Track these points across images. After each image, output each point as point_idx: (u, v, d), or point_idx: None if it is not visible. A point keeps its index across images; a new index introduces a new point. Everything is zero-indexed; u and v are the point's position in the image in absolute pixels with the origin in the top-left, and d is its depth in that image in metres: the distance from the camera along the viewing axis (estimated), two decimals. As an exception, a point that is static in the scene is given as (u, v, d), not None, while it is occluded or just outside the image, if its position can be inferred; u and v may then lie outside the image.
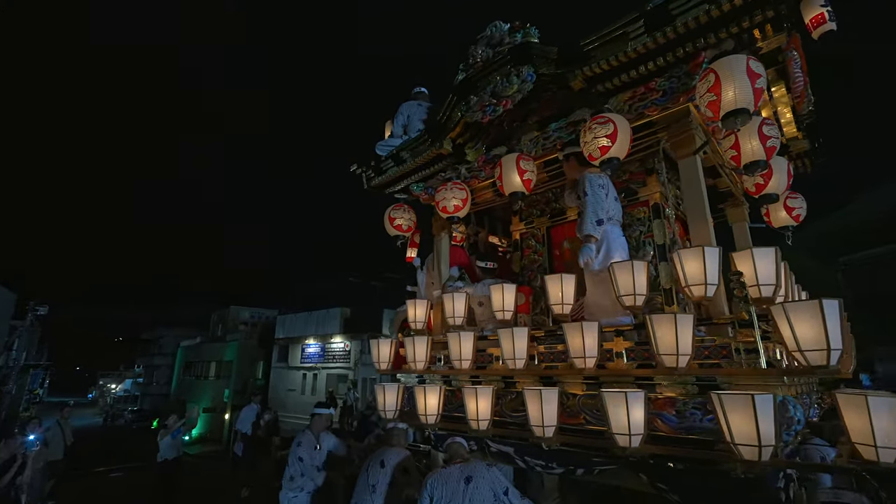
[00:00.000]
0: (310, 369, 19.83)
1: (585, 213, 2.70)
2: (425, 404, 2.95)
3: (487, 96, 3.19)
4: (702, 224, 2.45)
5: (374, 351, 3.59)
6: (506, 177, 3.05)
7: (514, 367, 2.64)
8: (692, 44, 2.39)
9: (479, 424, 2.65)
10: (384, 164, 4.03)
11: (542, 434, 2.34)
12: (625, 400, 1.99)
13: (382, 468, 3.77)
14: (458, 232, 4.47)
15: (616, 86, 2.73)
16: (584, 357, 2.32)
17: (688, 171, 2.56)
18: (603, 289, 2.66)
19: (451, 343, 2.99)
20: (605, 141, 2.56)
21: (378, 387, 3.31)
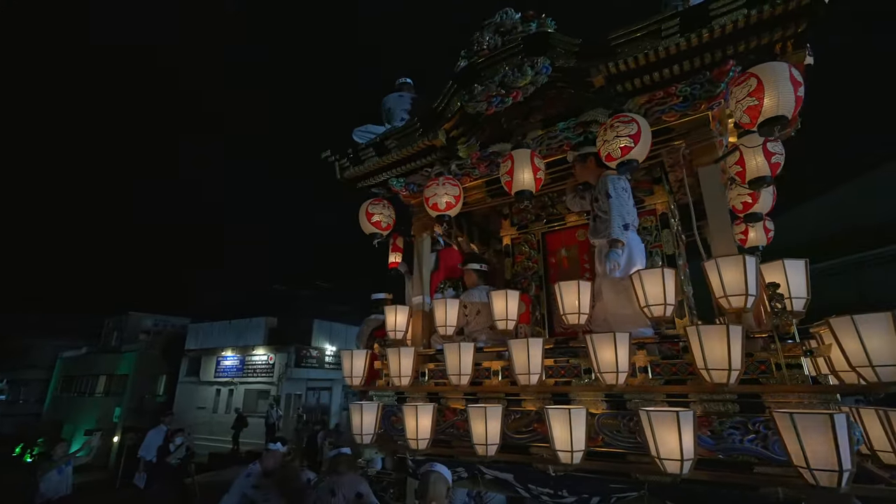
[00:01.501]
0: (225, 384, 17.96)
1: (611, 216, 2.52)
2: (417, 426, 2.54)
3: (495, 86, 2.93)
4: (725, 233, 2.37)
5: (346, 364, 3.09)
6: (517, 173, 2.79)
7: (528, 382, 2.35)
8: (722, 50, 2.34)
9: (487, 449, 2.30)
10: (363, 152, 3.60)
11: (569, 460, 2.06)
12: (676, 421, 1.78)
13: (333, 497, 3.26)
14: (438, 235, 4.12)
15: (637, 87, 2.61)
16: (615, 372, 2.09)
17: (709, 180, 2.50)
18: (624, 297, 2.49)
19: (448, 355, 2.63)
20: (628, 141, 2.41)
21: (354, 406, 2.83)
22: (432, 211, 3.21)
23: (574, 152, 2.89)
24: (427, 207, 3.24)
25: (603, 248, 2.66)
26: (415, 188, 3.73)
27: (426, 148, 3.37)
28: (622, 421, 2.23)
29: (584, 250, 3.21)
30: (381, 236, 3.64)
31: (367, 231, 3.61)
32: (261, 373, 17.31)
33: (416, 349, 2.93)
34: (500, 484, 2.65)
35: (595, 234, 2.72)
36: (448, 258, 3.63)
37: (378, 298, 4.19)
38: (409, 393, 3.00)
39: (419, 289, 3.50)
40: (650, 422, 1.84)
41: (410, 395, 3.01)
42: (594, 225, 2.77)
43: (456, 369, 2.59)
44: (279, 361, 16.95)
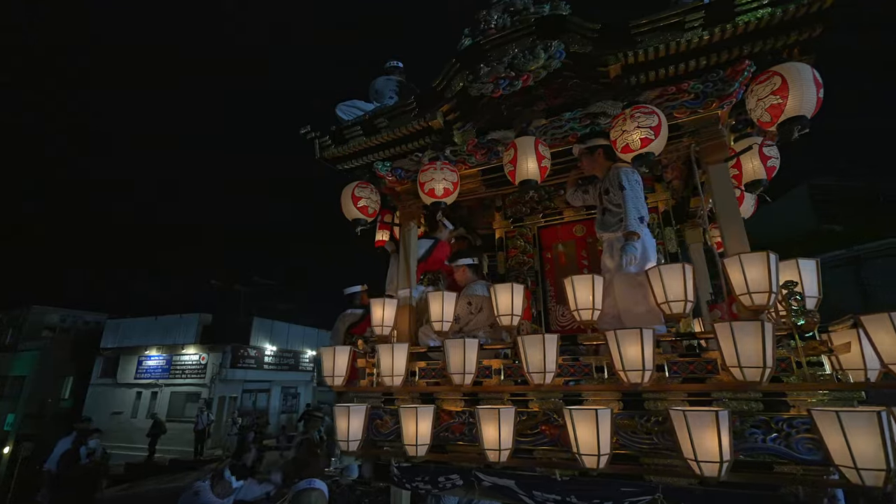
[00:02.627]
0: (148, 386, 16.32)
1: (626, 209, 2.44)
2: (416, 429, 2.29)
3: (504, 68, 2.76)
4: (737, 231, 2.37)
5: (328, 362, 2.76)
6: (521, 162, 2.65)
7: (543, 381, 2.19)
8: (740, 48, 2.34)
9: (500, 455, 2.11)
10: (349, 130, 3.28)
11: (595, 464, 1.92)
12: (715, 421, 1.70)
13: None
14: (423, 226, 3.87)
15: (650, 80, 2.56)
16: (641, 370, 1.99)
17: (719, 178, 2.49)
18: (639, 294, 2.41)
19: (452, 352, 2.41)
20: (649, 133, 2.36)
21: (340, 409, 2.52)
22: (427, 197, 2.97)
23: (581, 145, 2.78)
24: (421, 193, 3.00)
25: (614, 241, 2.58)
26: (402, 174, 3.47)
27: (420, 130, 3.14)
28: (639, 421, 2.14)
29: (582, 246, 3.13)
30: (365, 223, 3.33)
31: (352, 216, 3.29)
32: (191, 374, 15.88)
33: (409, 346, 2.67)
34: (499, 491, 2.47)
35: (605, 227, 2.63)
36: (440, 252, 3.40)
37: (353, 292, 3.87)
38: (399, 394, 2.73)
39: (405, 280, 3.23)
40: (687, 422, 1.74)
41: (400, 397, 2.75)
42: (602, 219, 2.69)
43: (459, 367, 2.38)
44: (213, 361, 15.65)
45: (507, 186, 3.29)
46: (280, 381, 18.46)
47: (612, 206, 2.60)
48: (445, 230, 3.63)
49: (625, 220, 2.43)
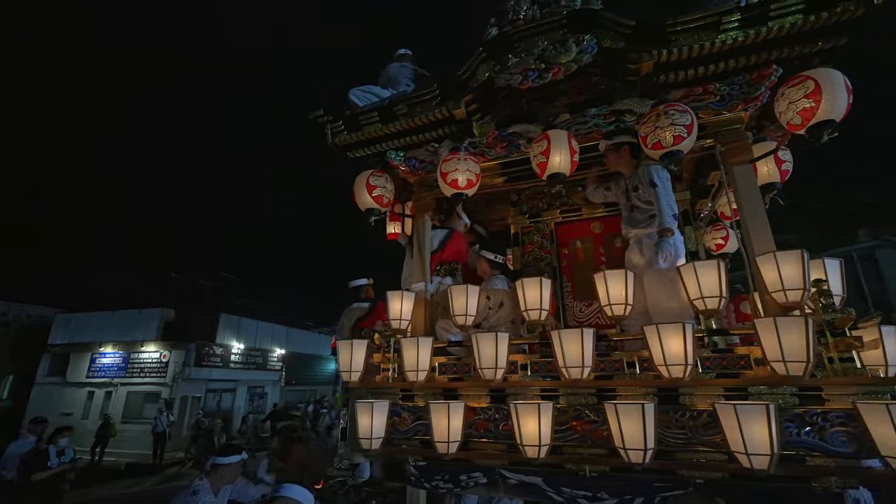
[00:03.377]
0: (101, 385, 15.32)
1: (660, 205, 2.45)
2: (448, 426, 2.21)
3: (533, 59, 2.73)
4: (763, 231, 2.42)
5: (344, 356, 2.64)
6: (553, 154, 2.61)
7: (581, 376, 2.16)
8: (768, 52, 2.40)
9: (540, 451, 2.06)
10: (364, 117, 3.16)
11: (641, 459, 1.90)
12: (765, 413, 1.72)
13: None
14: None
15: (679, 79, 2.59)
16: (684, 365, 1.99)
17: (744, 179, 2.55)
18: (670, 290, 2.42)
19: (483, 346, 2.34)
20: (682, 131, 2.38)
21: (362, 405, 2.40)
22: (449, 188, 2.89)
23: (608, 141, 2.78)
24: (443, 184, 2.91)
25: (643, 238, 2.59)
26: (416, 164, 3.37)
27: (440, 119, 3.06)
28: (673, 416, 2.15)
29: (600, 243, 3.14)
30: (379, 213, 3.21)
31: (365, 206, 3.16)
32: (150, 372, 15.00)
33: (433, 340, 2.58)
34: (525, 489, 2.42)
35: (633, 224, 2.64)
36: (454, 245, 3.32)
37: (359, 285, 3.73)
38: (421, 390, 2.64)
39: (420, 273, 3.14)
40: (737, 416, 1.75)
41: (420, 393, 2.66)
42: (630, 215, 2.70)
43: (490, 362, 2.31)
44: (175, 359, 14.84)
45: (524, 181, 3.26)
46: (246, 380, 17.75)
47: (642, 202, 2.62)
48: (461, 221, 3.56)
49: (659, 216, 2.45)
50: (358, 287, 3.76)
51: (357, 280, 3.80)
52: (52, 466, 5.10)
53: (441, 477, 2.60)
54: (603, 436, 2.25)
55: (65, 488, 5.29)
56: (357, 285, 3.77)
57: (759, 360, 2.09)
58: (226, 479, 3.12)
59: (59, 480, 5.25)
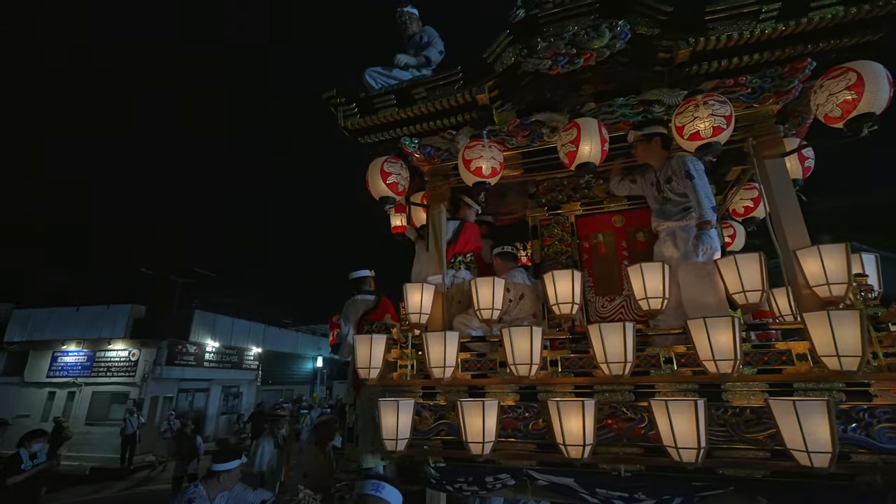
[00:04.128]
0: (64, 385, 14.45)
1: (699, 197, 2.39)
2: (483, 426, 2.08)
3: (564, 44, 2.62)
4: (798, 225, 2.39)
5: (363, 352, 2.47)
6: (584, 143, 2.52)
7: (623, 372, 2.07)
8: (804, 44, 2.38)
9: (584, 451, 1.95)
10: (380, 100, 2.98)
11: (694, 458, 1.82)
12: (826, 410, 1.66)
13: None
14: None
15: (712, 70, 2.54)
16: (733, 360, 1.92)
17: (777, 173, 2.51)
18: (707, 284, 2.36)
19: (516, 341, 2.22)
20: (721, 122, 2.32)
21: (386, 404, 2.24)
22: (472, 176, 2.76)
23: (638, 131, 2.70)
24: (466, 171, 2.78)
25: (677, 231, 2.53)
26: (431, 152, 3.22)
27: (460, 105, 2.92)
28: (715, 413, 2.08)
29: (622, 237, 3.07)
30: (393, 201, 3.05)
31: (379, 194, 2.99)
32: (118, 371, 14.23)
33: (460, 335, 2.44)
34: (556, 490, 2.32)
35: (665, 217, 2.58)
36: (468, 237, 3.19)
37: (362, 276, 3.53)
38: (445, 388, 2.50)
39: (436, 266, 2.99)
40: (797, 412, 1.69)
41: (443, 391, 2.52)
42: (662, 208, 2.63)
43: (525, 357, 2.19)
44: (145, 358, 14.13)
45: (542, 172, 3.17)
46: (221, 379, 17.11)
47: (675, 195, 2.55)
48: (472, 210, 3.42)
49: (698, 209, 2.39)
50: (360, 279, 3.56)
51: (359, 271, 3.59)
52: (27, 469, 4.77)
53: (464, 479, 2.47)
54: (640, 434, 2.18)
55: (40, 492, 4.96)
56: (359, 276, 3.57)
57: (802, 356, 2.06)
58: (223, 485, 2.90)
59: (35, 483, 4.93)
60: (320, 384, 22.80)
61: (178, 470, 7.75)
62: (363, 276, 3.60)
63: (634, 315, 2.89)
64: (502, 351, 2.51)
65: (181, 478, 7.49)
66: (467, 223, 3.24)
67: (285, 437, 6.77)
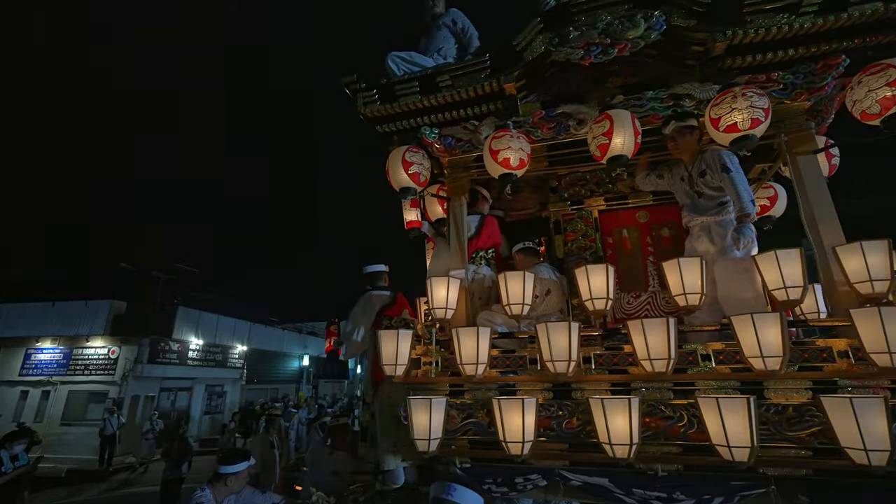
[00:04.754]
0: (38, 384, 13.88)
1: (738, 190, 2.35)
2: (522, 424, 1.99)
3: (597, 33, 2.57)
4: (832, 221, 2.37)
5: (389, 348, 2.36)
6: (616, 135, 2.45)
7: (666, 369, 2.02)
8: (840, 41, 2.37)
9: (630, 451, 1.89)
10: (402, 87, 2.88)
11: (746, 457, 1.77)
12: (884, 407, 1.63)
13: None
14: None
15: (745, 64, 2.52)
16: (781, 357, 1.88)
17: (810, 169, 2.50)
18: (746, 280, 2.32)
19: (554, 337, 2.14)
20: (760, 114, 2.28)
21: (418, 402, 2.14)
22: (500, 167, 2.68)
23: (680, 122, 2.63)
24: (493, 162, 2.70)
25: (712, 225, 2.50)
26: (452, 142, 3.12)
27: (486, 94, 2.85)
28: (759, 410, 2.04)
29: (646, 233, 3.03)
30: (414, 192, 2.94)
31: (400, 185, 2.88)
32: (96, 369, 13.73)
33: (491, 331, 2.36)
34: (590, 491, 2.25)
35: (699, 211, 2.54)
36: (489, 231, 3.10)
37: (377, 271, 3.40)
38: (474, 385, 2.41)
39: (459, 260, 2.90)
40: (854, 410, 1.65)
41: (473, 389, 2.43)
42: (694, 203, 2.59)
43: (564, 353, 2.12)
44: (126, 355, 13.66)
45: (569, 165, 3.10)
46: (204, 378, 16.66)
47: (710, 189, 2.52)
48: (487, 204, 3.34)
49: (738, 202, 2.35)
50: (376, 273, 3.42)
51: (374, 265, 3.46)
52: (7, 472, 4.52)
53: (493, 480, 2.38)
54: (679, 432, 2.12)
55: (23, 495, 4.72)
56: (375, 271, 3.43)
57: (843, 353, 2.04)
58: (231, 488, 2.76)
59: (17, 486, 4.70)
60: (306, 383, 22.45)
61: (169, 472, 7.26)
62: (378, 270, 3.47)
63: (660, 311, 2.85)
64: (532, 348, 2.45)
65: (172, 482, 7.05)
66: (488, 217, 3.16)
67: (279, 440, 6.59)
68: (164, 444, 9.69)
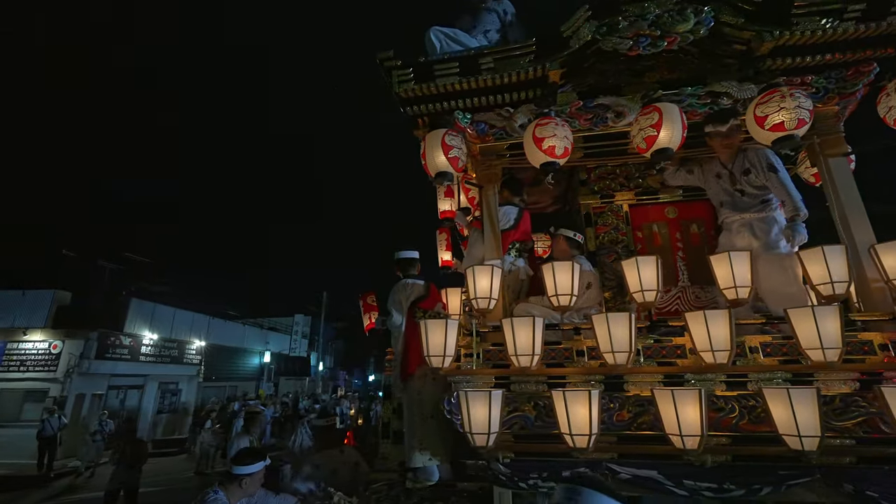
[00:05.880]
0: (-38, 382, 12.44)
1: (788, 190, 2.45)
2: (589, 417, 1.94)
3: (647, 25, 2.55)
4: (863, 219, 2.48)
5: (434, 337, 2.24)
6: (665, 128, 2.46)
7: (727, 360, 2.02)
8: (874, 48, 2.47)
9: (700, 442, 1.87)
10: (441, 66, 2.75)
11: (815, 447, 1.80)
12: (945, 396, 1.70)
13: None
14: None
15: (786, 65, 2.58)
16: (839, 348, 1.93)
17: (841, 171, 2.60)
18: (790, 275, 2.38)
19: (613, 327, 2.10)
20: (806, 115, 2.35)
21: (476, 395, 2.03)
22: (544, 155, 2.61)
23: (734, 120, 2.65)
24: (536, 150, 2.63)
25: (754, 222, 2.55)
26: (485, 129, 3.03)
27: (527, 80, 2.77)
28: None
29: (676, 228, 3.06)
30: (451, 178, 2.82)
31: (437, 169, 2.75)
32: (34, 366, 12.51)
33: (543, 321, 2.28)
34: (639, 483, 2.23)
35: (740, 209, 2.60)
36: (527, 219, 3.03)
37: (411, 258, 3.18)
38: (521, 378, 2.33)
39: (494, 250, 2.81)
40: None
41: (519, 381, 2.35)
42: (735, 200, 2.64)
43: (624, 345, 2.09)
44: (70, 350, 12.52)
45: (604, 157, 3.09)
46: (158, 375, 15.58)
47: (753, 187, 2.57)
48: (517, 196, 3.26)
49: (790, 201, 2.43)
50: (410, 260, 3.21)
51: (408, 252, 3.23)
52: None
53: (538, 474, 2.32)
54: (731, 424, 2.15)
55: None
56: (408, 258, 3.21)
57: (883, 346, 2.13)
58: (246, 490, 2.54)
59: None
60: (267, 380, 21.57)
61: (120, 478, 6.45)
62: (412, 257, 3.24)
63: (690, 305, 2.89)
64: (578, 339, 2.41)
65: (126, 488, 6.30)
66: (525, 210, 3.09)
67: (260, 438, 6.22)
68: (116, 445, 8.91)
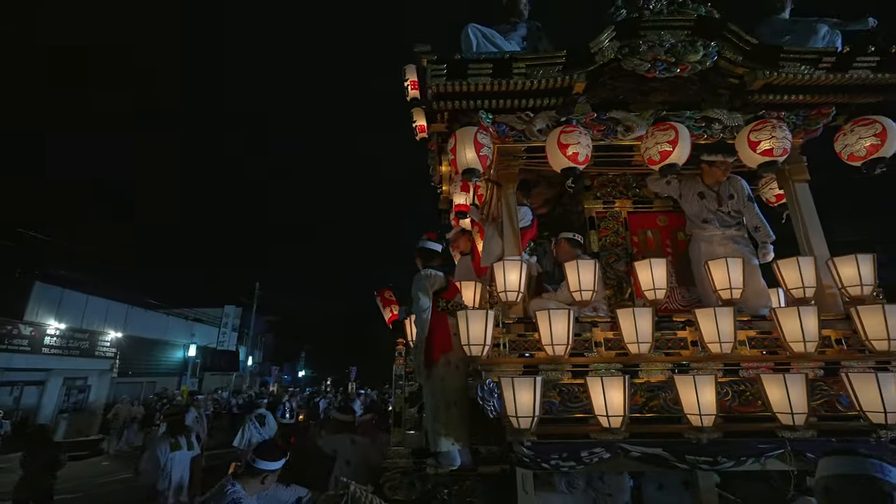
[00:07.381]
0: None
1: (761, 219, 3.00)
2: (624, 400, 2.16)
3: (664, 52, 2.85)
4: (820, 238, 2.97)
5: (470, 327, 2.34)
6: (680, 146, 2.76)
7: (731, 350, 2.35)
8: (835, 95, 2.98)
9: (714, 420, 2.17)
10: (475, 66, 2.84)
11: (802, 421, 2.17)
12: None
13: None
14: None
15: (770, 101, 3.01)
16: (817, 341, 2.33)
17: (804, 194, 3.09)
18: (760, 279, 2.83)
19: (640, 320, 2.35)
20: (788, 144, 2.79)
21: (522, 382, 2.17)
22: (567, 160, 2.81)
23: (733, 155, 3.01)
24: (560, 155, 2.82)
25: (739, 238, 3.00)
26: (506, 130, 3.18)
27: (552, 88, 2.96)
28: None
29: (667, 235, 3.42)
30: (478, 174, 2.91)
31: (466, 165, 2.83)
32: None
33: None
34: (648, 460, 2.50)
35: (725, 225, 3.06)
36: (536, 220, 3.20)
37: (432, 248, 3.17)
38: (547, 367, 2.50)
39: (513, 246, 2.96)
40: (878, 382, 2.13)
41: (545, 369, 2.52)
42: (720, 217, 3.06)
43: (647, 336, 2.34)
44: (-43, 340, 10.74)
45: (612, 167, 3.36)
46: (63, 370, 13.80)
47: (733, 210, 2.99)
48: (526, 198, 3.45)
49: (763, 227, 3.00)
50: (432, 251, 3.15)
51: (429, 242, 3.18)
52: None
53: (559, 455, 2.50)
54: (726, 405, 2.49)
55: None
56: (431, 248, 3.15)
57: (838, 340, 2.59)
58: (265, 486, 2.47)
59: None
60: (191, 376, 19.95)
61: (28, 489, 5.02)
62: (434, 248, 3.19)
63: (678, 304, 3.25)
64: (597, 331, 2.64)
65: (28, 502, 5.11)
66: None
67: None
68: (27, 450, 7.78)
